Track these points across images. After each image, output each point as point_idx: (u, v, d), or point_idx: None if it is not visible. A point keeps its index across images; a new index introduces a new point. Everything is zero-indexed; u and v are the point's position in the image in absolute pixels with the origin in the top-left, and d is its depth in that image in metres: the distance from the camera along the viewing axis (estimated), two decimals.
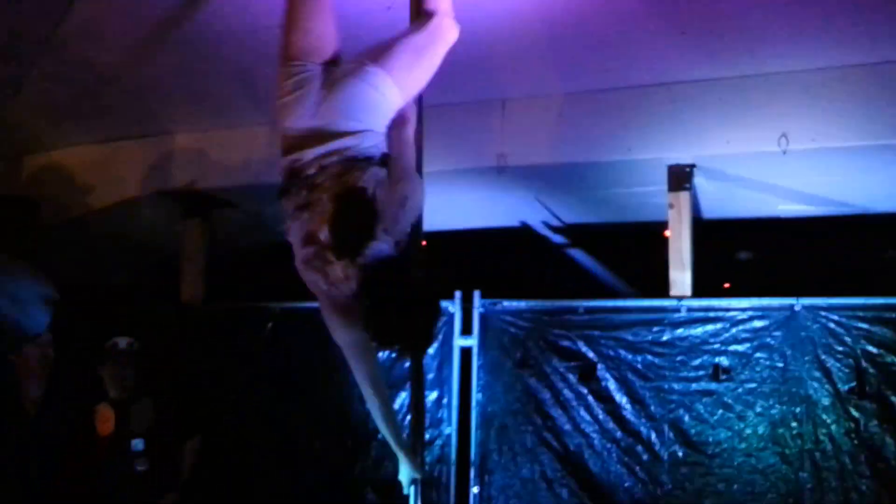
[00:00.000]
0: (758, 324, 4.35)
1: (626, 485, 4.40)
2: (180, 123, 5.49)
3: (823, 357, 4.22)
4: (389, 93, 2.67)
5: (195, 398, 5.05)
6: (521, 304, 4.76)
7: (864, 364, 4.15)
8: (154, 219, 5.95)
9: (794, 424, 4.21)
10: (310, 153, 2.58)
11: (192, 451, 4.65)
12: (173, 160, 5.61)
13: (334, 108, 2.62)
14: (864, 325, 4.19)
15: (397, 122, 2.77)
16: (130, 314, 5.39)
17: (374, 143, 2.66)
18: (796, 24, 3.89)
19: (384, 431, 2.94)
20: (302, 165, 2.59)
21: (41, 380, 4.48)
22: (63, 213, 5.94)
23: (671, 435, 4.37)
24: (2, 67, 4.68)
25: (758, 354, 4.32)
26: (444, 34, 2.80)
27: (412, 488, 2.99)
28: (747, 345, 4.34)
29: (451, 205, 5.59)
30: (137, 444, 4.46)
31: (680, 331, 4.45)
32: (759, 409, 4.28)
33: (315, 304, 4.97)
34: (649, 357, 4.47)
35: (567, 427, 4.54)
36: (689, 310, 4.46)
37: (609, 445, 4.45)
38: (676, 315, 4.47)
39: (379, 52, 2.70)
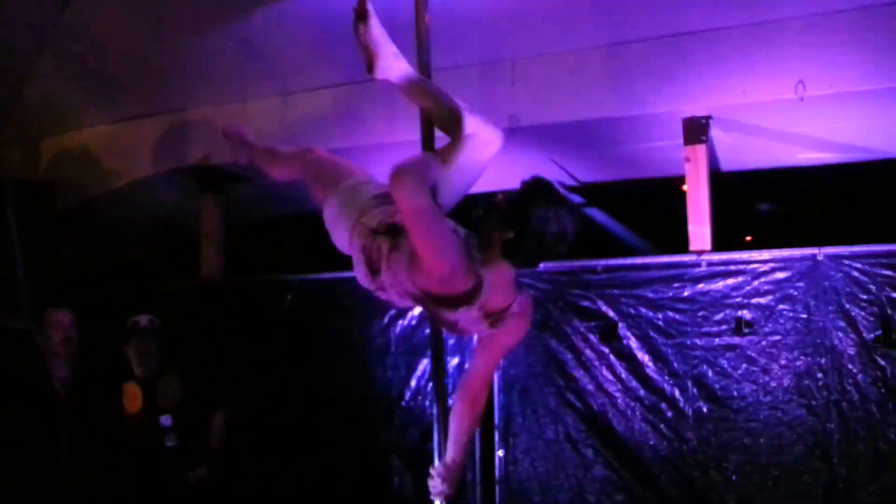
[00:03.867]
0: (780, 275, 4.29)
1: (651, 443, 4.38)
2: (192, 99, 5.50)
3: (847, 306, 4.15)
4: None
5: (219, 372, 5.09)
6: (539, 266, 4.72)
7: (889, 312, 4.08)
8: (171, 196, 5.97)
9: (819, 376, 4.16)
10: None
11: (220, 425, 4.69)
12: (187, 136, 5.62)
13: None
14: (889, 273, 4.11)
15: None
16: (151, 292, 5.43)
17: None
18: None
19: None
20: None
21: (67, 360, 4.55)
22: (82, 194, 5.98)
23: (695, 391, 4.34)
24: (14, 49, 4.68)
25: (781, 306, 4.27)
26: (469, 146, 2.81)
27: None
28: (770, 297, 4.29)
29: None
30: (166, 420, 4.51)
31: (701, 286, 4.41)
32: (783, 362, 4.23)
33: (332, 275, 5.02)
34: (670, 314, 4.43)
35: (590, 387, 4.52)
36: (710, 264, 4.41)
37: (633, 404, 4.43)
38: (696, 270, 4.42)
39: None
